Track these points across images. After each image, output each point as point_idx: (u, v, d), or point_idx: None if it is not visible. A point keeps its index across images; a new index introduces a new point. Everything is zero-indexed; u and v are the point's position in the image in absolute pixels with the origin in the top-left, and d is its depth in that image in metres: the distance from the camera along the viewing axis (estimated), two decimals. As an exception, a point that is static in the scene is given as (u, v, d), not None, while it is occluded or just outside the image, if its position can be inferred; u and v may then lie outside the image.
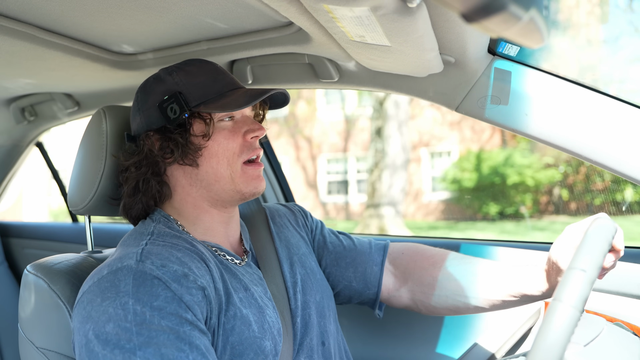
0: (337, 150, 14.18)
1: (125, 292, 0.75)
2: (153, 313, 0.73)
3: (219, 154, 0.94)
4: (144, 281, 0.76)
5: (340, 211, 14.03)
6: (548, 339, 0.60)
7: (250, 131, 0.96)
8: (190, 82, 0.95)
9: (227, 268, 0.92)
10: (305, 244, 1.13)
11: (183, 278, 0.78)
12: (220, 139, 0.94)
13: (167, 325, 0.73)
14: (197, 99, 0.94)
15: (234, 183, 0.94)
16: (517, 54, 1.12)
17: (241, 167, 0.95)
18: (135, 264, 0.79)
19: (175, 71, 0.97)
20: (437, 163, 13.12)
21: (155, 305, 0.74)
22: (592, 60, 9.20)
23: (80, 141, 1.08)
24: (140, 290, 0.75)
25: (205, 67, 0.99)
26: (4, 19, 1.03)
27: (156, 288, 0.76)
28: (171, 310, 0.75)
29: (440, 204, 12.89)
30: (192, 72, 0.97)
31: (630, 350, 0.90)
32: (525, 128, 1.12)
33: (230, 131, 0.95)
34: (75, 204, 1.07)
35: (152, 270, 0.78)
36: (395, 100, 10.15)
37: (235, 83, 0.99)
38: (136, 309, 0.73)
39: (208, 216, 0.97)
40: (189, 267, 0.80)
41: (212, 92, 0.95)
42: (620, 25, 9.80)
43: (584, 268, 0.64)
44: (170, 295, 0.76)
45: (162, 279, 0.77)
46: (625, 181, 1.07)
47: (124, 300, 0.74)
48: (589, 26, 8.90)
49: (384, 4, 0.74)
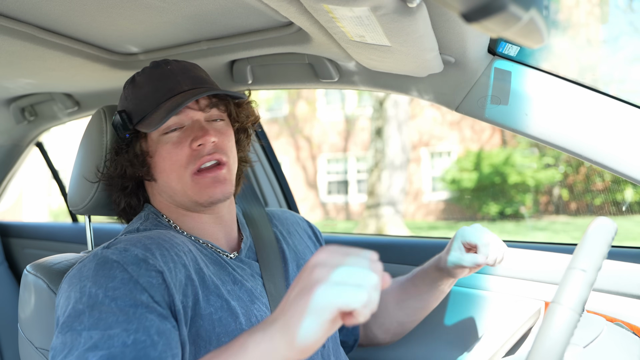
0: (337, 150, 14.18)
1: (86, 276, 0.77)
2: (107, 294, 0.75)
3: (166, 168, 0.92)
4: (104, 265, 0.78)
5: (340, 211, 14.03)
6: (547, 342, 0.60)
7: (194, 139, 0.91)
8: (135, 95, 0.96)
9: (216, 261, 0.92)
10: (311, 252, 1.13)
11: (142, 262, 0.79)
12: (164, 154, 0.92)
13: (118, 307, 0.74)
14: (139, 114, 0.94)
15: (187, 195, 0.93)
16: (517, 54, 1.12)
17: (191, 178, 0.91)
18: (101, 250, 0.81)
19: (129, 83, 0.98)
20: (437, 163, 13.12)
21: (110, 287, 0.75)
22: (592, 60, 9.20)
23: (81, 141, 1.08)
24: (99, 273, 0.77)
25: (153, 74, 0.96)
26: (4, 19, 1.03)
27: (114, 270, 0.77)
28: (125, 292, 0.75)
29: (440, 204, 12.89)
30: (139, 83, 0.96)
31: (630, 350, 0.90)
32: (525, 128, 1.12)
33: (174, 143, 0.92)
34: (75, 203, 1.07)
35: (113, 254, 0.79)
36: (395, 100, 10.15)
37: (176, 88, 0.93)
38: (91, 292, 0.75)
39: (190, 218, 0.97)
40: (151, 253, 0.81)
41: (152, 105, 0.93)
42: (620, 25, 9.80)
43: (583, 268, 0.64)
44: (127, 277, 0.77)
45: (120, 262, 0.78)
46: (625, 181, 1.07)
47: (83, 284, 0.76)
48: (589, 26, 8.90)
49: (384, 4, 0.74)
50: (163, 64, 0.98)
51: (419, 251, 1.46)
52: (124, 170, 0.96)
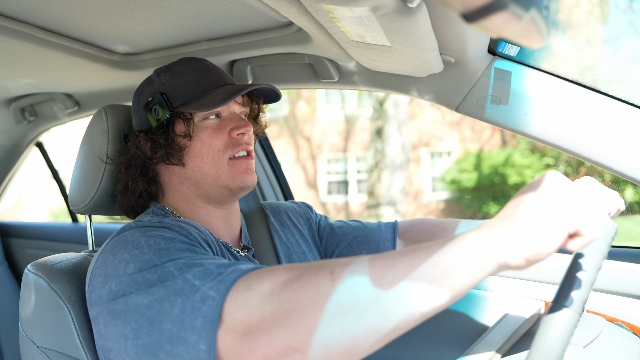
0: (337, 150, 14.17)
1: (135, 239, 0.77)
2: (167, 242, 0.76)
3: (203, 152, 0.95)
4: (148, 228, 0.80)
5: (340, 211, 14.03)
6: (547, 342, 0.60)
7: (235, 128, 0.97)
8: (175, 82, 0.97)
9: (230, 252, 0.95)
10: (305, 241, 1.15)
11: (181, 229, 0.82)
12: (204, 138, 0.95)
13: (180, 248, 0.75)
14: (180, 98, 0.96)
15: (220, 179, 0.96)
16: (517, 54, 1.12)
17: (227, 163, 0.96)
18: (135, 223, 0.83)
19: (164, 72, 0.99)
20: (437, 163, 13.12)
21: (167, 237, 0.77)
22: (592, 60, 9.20)
23: (81, 140, 1.08)
24: (147, 233, 0.78)
25: (193, 66, 1.00)
26: (4, 19, 1.03)
27: (159, 230, 0.79)
28: (181, 240, 0.77)
29: (440, 204, 12.89)
30: (178, 72, 0.99)
31: (630, 350, 0.90)
32: (525, 128, 1.12)
33: (215, 129, 0.96)
34: (76, 203, 1.07)
35: (149, 222, 0.82)
36: (395, 100, 10.15)
37: (220, 80, 1.00)
38: (149, 243, 0.76)
39: (204, 211, 0.99)
40: (181, 227, 0.83)
41: (196, 91, 0.96)
42: (620, 25, 9.80)
43: (583, 269, 0.64)
44: (173, 233, 0.79)
45: (161, 225, 0.81)
46: (625, 181, 1.07)
47: (136, 242, 0.76)
48: (589, 26, 8.90)
49: (384, 4, 0.74)
50: (200, 59, 1.03)
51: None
52: (154, 151, 0.96)
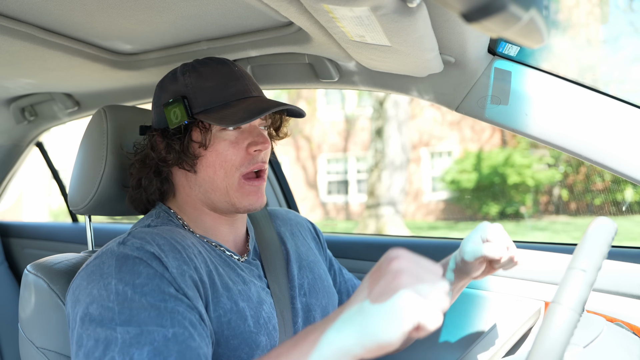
0: (337, 150, 14.18)
1: (109, 274, 0.77)
2: (135, 291, 0.74)
3: (216, 164, 0.92)
4: (125, 261, 0.78)
5: (340, 211, 14.03)
6: (547, 342, 0.60)
7: (253, 144, 0.92)
8: (199, 85, 0.93)
9: (226, 262, 0.92)
10: (313, 253, 1.13)
11: (159, 259, 0.80)
12: (220, 149, 0.92)
13: (149, 302, 0.74)
14: (202, 105, 0.92)
15: (229, 196, 0.93)
16: (517, 54, 1.12)
17: (238, 181, 0.92)
18: (117, 246, 0.81)
19: (190, 71, 0.95)
20: (437, 163, 13.12)
21: (137, 283, 0.75)
22: (592, 60, 9.20)
23: (81, 141, 1.08)
24: (122, 270, 0.77)
25: (220, 71, 0.96)
26: (4, 19, 1.03)
27: (137, 266, 0.77)
28: (153, 287, 0.76)
29: (440, 204, 12.89)
30: (204, 75, 0.94)
31: (630, 350, 0.90)
32: (525, 128, 1.12)
33: (232, 142, 0.92)
34: (75, 203, 1.07)
35: (132, 251, 0.79)
36: (395, 100, 10.15)
37: (246, 91, 0.95)
38: (118, 289, 0.75)
39: (209, 218, 0.97)
40: (165, 254, 0.81)
41: (218, 100, 0.92)
42: (620, 25, 9.80)
43: (583, 268, 0.64)
44: (152, 271, 0.77)
45: (141, 258, 0.78)
46: (625, 181, 1.07)
47: (107, 281, 0.76)
48: (589, 26, 8.90)
49: (384, 4, 0.74)
50: (229, 62, 0.98)
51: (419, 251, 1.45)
52: (168, 152, 0.94)
